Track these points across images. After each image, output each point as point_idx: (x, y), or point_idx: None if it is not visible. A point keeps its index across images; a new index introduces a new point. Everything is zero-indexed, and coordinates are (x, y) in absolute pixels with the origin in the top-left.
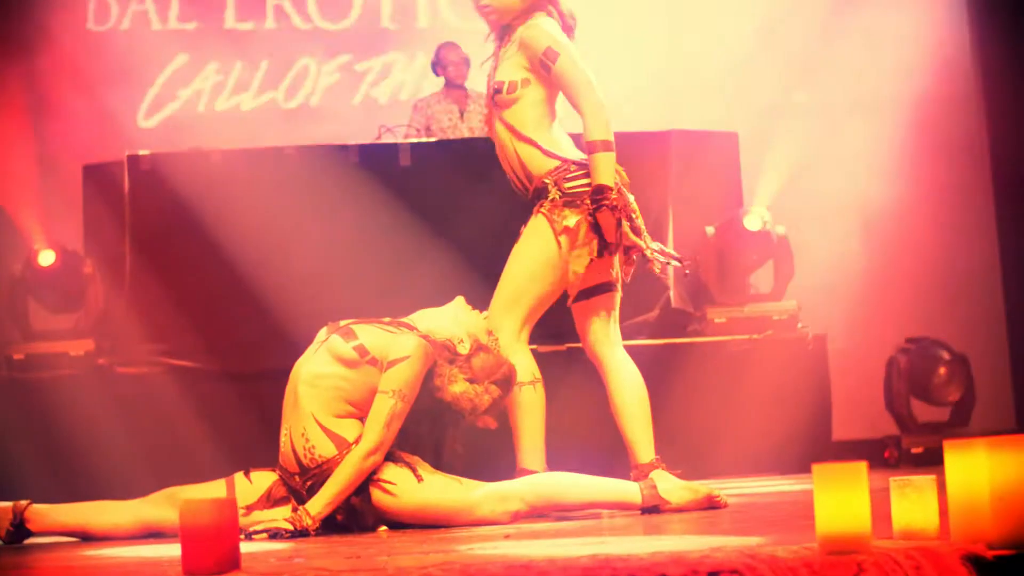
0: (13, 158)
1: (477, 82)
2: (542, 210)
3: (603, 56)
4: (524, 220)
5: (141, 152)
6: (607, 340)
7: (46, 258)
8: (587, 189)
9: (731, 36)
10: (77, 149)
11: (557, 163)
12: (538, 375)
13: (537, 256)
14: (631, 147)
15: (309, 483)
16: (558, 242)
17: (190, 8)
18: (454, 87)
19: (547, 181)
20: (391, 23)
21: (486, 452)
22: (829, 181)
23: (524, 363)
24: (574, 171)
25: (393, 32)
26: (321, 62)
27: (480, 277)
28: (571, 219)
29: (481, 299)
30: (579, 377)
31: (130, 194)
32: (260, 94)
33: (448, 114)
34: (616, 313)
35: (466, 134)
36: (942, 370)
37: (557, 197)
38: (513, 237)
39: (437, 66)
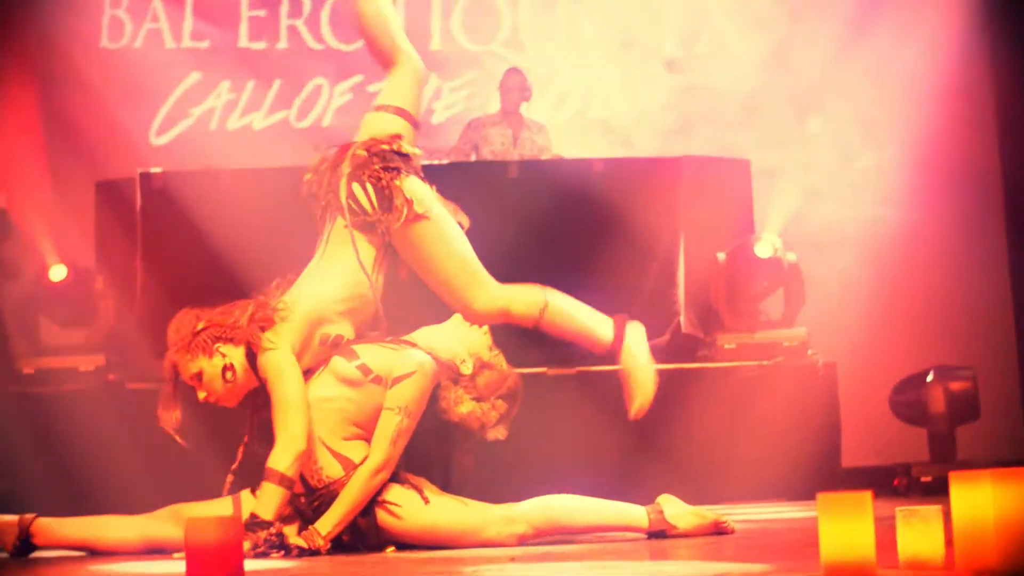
0: (26, 174)
1: (535, 110)
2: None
3: (615, 81)
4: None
5: (153, 170)
6: None
7: (57, 273)
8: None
9: (743, 63)
10: (89, 166)
11: None
12: None
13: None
14: (642, 173)
15: (316, 503)
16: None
17: (204, 27)
18: (509, 112)
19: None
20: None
21: (495, 467)
22: (840, 208)
23: None
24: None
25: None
26: (334, 82)
27: None
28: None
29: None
30: (587, 400)
31: (142, 211)
32: (272, 113)
33: (502, 138)
34: None
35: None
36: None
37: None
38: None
39: (500, 88)
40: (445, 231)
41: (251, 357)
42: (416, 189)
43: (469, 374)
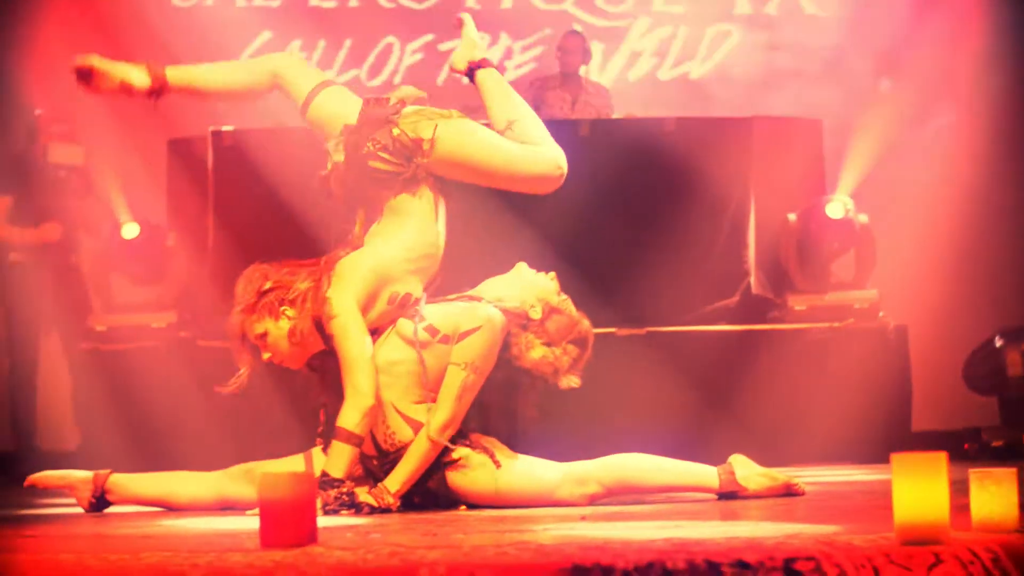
0: (98, 132)
1: (607, 70)
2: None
3: (688, 40)
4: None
5: (224, 127)
6: None
7: (130, 231)
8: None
9: (817, 23)
10: (161, 124)
11: None
12: None
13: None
14: (713, 133)
15: (388, 467)
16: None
17: None
18: (567, 75)
19: None
20: (475, 3)
21: (565, 426)
22: (913, 169)
23: None
24: None
25: (477, 12)
26: (404, 41)
27: (561, 257)
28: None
29: (564, 276)
30: (657, 361)
31: (213, 169)
32: (343, 72)
33: (561, 102)
34: None
35: None
36: None
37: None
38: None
39: (557, 51)
40: (467, 133)
41: (317, 319)
42: (414, 120)
43: (538, 319)
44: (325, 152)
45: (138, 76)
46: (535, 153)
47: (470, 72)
